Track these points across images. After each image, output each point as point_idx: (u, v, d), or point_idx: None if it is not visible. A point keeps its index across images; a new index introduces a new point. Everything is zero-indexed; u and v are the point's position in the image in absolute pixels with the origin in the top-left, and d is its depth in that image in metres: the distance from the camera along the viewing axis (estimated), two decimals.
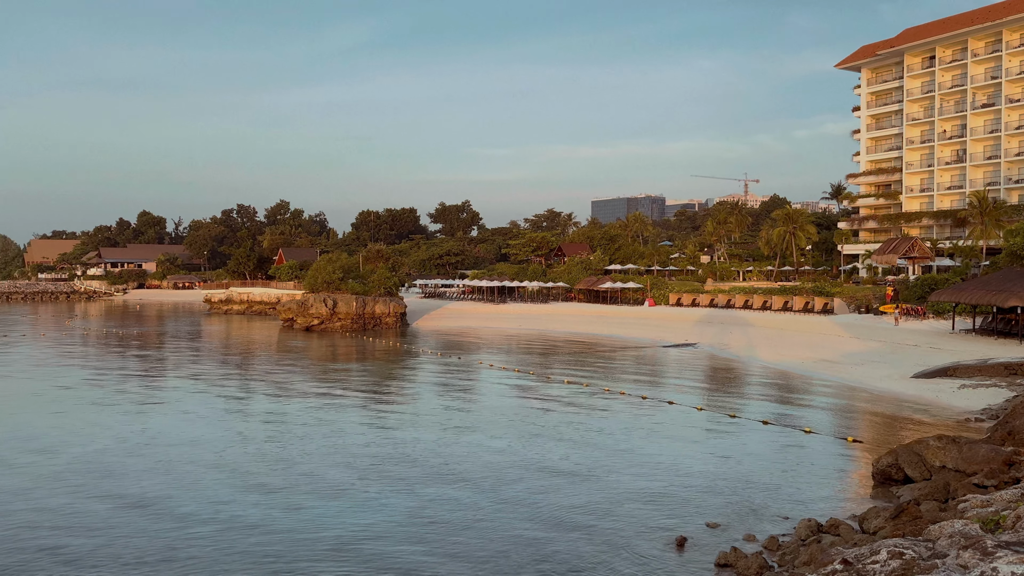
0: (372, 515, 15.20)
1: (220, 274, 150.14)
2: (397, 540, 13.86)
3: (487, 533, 14.22)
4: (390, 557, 13.07)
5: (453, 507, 15.71)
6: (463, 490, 16.90)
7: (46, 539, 13.73)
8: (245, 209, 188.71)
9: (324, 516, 15.15)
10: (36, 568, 12.45)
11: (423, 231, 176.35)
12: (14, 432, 22.86)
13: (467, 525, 14.65)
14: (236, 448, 20.80)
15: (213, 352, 47.31)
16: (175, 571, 12.40)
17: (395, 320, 65.76)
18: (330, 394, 30.21)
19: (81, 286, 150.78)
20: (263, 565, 12.67)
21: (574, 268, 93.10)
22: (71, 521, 14.75)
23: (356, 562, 12.85)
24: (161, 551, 13.23)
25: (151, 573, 12.29)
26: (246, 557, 13.01)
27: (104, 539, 13.78)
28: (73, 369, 38.49)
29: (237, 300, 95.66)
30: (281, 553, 13.20)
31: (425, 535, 14.13)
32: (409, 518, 15.06)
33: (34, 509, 15.45)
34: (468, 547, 13.53)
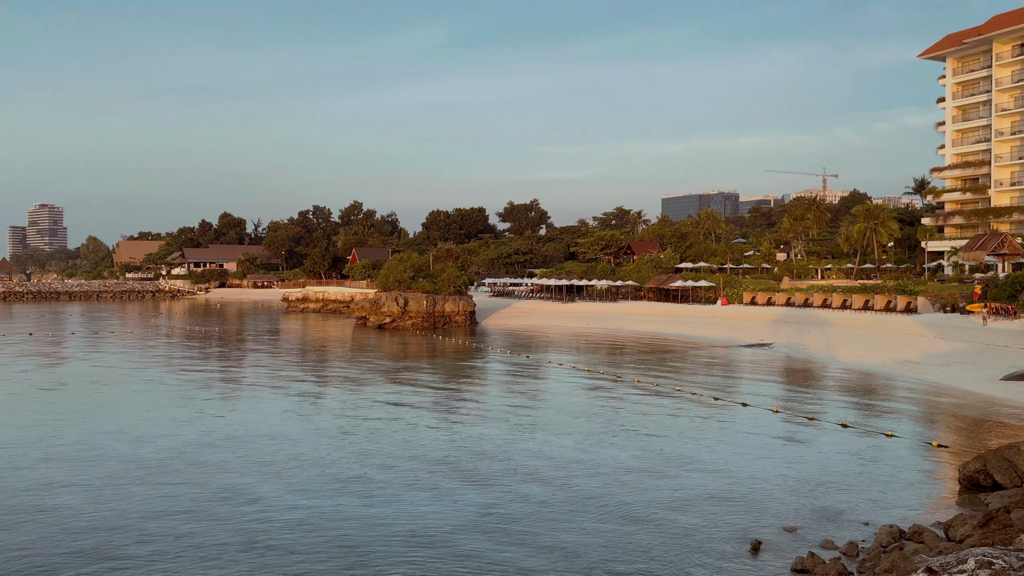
0: (444, 509, 15.41)
1: (297, 273, 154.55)
2: (468, 534, 14.01)
3: (557, 531, 14.24)
4: (462, 551, 13.22)
5: (523, 503, 15.78)
6: (532, 487, 16.95)
7: (135, 525, 14.42)
8: (320, 210, 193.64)
9: (397, 509, 15.43)
10: (126, 552, 13.08)
11: (492, 230, 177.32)
12: (106, 424, 24.06)
13: (537, 522, 14.69)
14: (313, 442, 21.39)
15: (290, 350, 48.72)
16: (255, 558, 12.84)
17: (464, 318, 66.37)
18: (402, 391, 30.74)
19: (166, 285, 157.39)
20: (338, 556, 13.00)
21: (644, 266, 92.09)
22: (158, 509, 15.44)
23: (429, 555, 13.05)
24: (243, 539, 13.72)
25: (232, 561, 12.76)
26: (323, 547, 13.37)
27: (188, 527, 14.38)
28: (158, 365, 40.24)
29: (313, 299, 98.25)
30: (356, 544, 13.51)
31: (496, 530, 14.24)
32: (480, 513, 15.20)
33: (124, 497, 16.23)
34: (538, 544, 13.58)
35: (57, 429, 23.19)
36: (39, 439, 21.77)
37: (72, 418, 25.01)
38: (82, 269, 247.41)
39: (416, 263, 72.07)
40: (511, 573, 12.39)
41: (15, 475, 17.94)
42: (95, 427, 23.52)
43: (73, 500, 16.01)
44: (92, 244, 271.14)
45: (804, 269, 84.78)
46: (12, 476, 17.85)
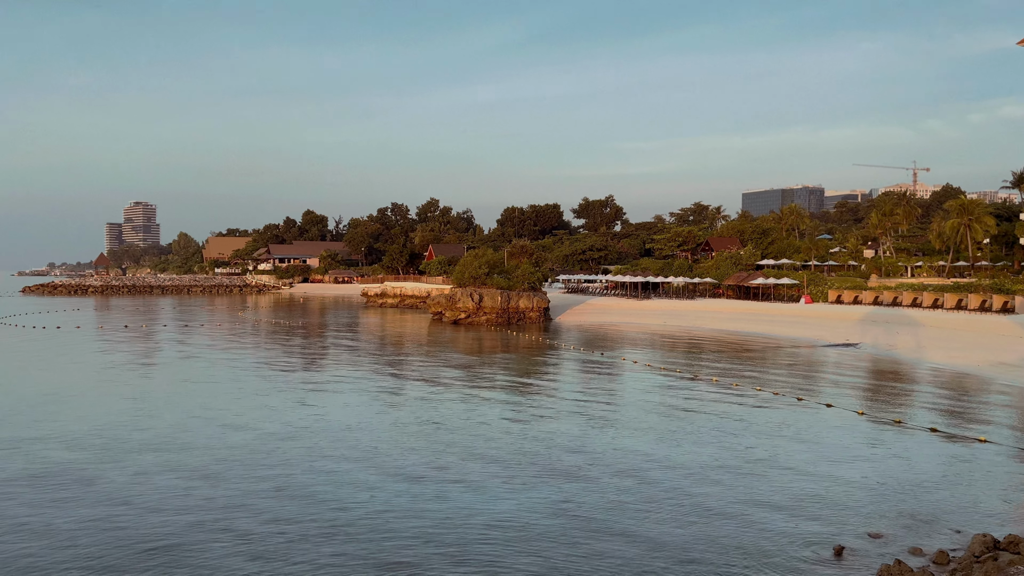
0: (517, 505, 15.49)
1: (376, 269, 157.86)
2: (541, 531, 14.04)
3: (631, 531, 14.12)
4: (537, 544, 13.26)
5: (596, 502, 15.71)
6: (606, 486, 16.86)
7: (219, 516, 15.03)
8: (399, 207, 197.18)
9: (471, 503, 15.60)
10: (212, 541, 13.65)
11: (566, 226, 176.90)
12: (195, 414, 25.15)
13: (611, 521, 14.61)
14: (391, 434, 21.83)
15: (369, 344, 49.83)
16: (337, 546, 13.21)
17: (538, 315, 66.46)
18: (477, 386, 31.02)
19: (252, 280, 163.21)
20: (416, 546, 13.24)
21: (723, 263, 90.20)
22: (245, 494, 16.05)
23: (505, 548, 13.14)
24: (324, 526, 14.14)
25: (314, 546, 13.16)
26: (401, 536, 13.64)
27: (273, 512, 14.90)
28: (245, 357, 41.80)
29: (391, 294, 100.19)
30: (433, 535, 13.73)
31: (569, 528, 14.22)
32: (553, 510, 15.21)
33: (212, 486, 16.94)
34: (612, 544, 13.50)
35: (150, 418, 24.38)
36: (134, 427, 22.94)
37: (164, 407, 26.25)
38: (174, 264, 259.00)
39: (491, 259, 72.54)
40: (587, 568, 12.36)
41: (113, 460, 18.95)
42: (185, 416, 24.62)
43: (166, 484, 16.80)
44: (183, 240, 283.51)
45: (893, 267, 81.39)
46: (110, 461, 18.86)
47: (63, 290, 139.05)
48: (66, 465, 18.39)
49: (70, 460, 18.85)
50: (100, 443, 20.64)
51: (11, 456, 19.18)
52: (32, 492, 16.22)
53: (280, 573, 12.11)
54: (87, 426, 22.81)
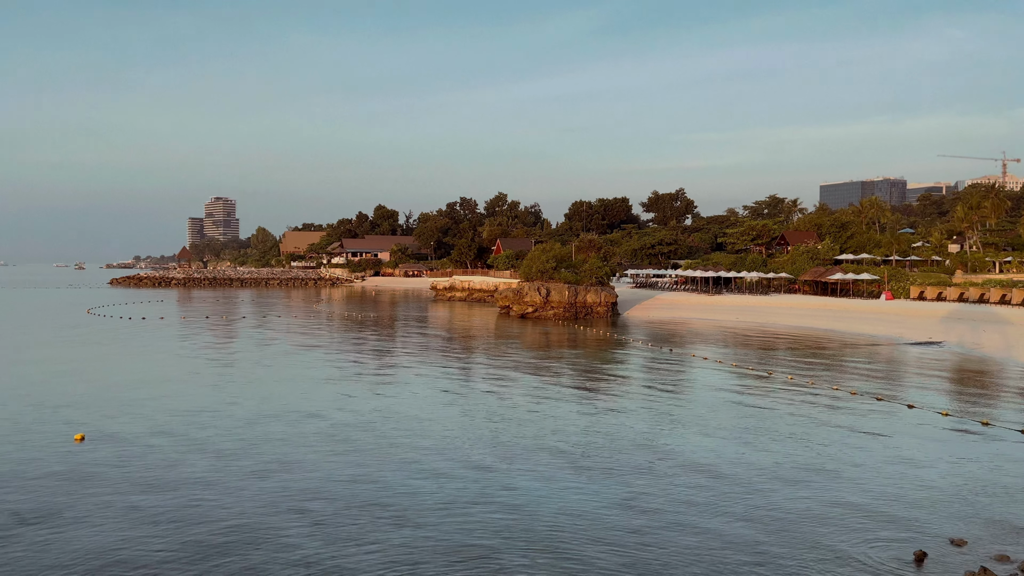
0: (585, 501, 15.44)
1: (444, 263, 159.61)
2: (611, 524, 13.96)
3: (702, 531, 13.90)
4: (605, 539, 13.20)
5: (665, 500, 15.53)
6: (676, 481, 16.64)
7: (296, 501, 15.47)
8: (467, 202, 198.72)
9: (539, 497, 15.63)
10: (288, 525, 14.07)
11: (635, 220, 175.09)
12: (271, 403, 25.95)
13: (681, 520, 14.41)
14: (460, 426, 22.07)
15: (438, 337, 50.44)
16: (407, 534, 13.44)
17: (606, 309, 66.02)
18: (543, 380, 31.04)
19: (326, 273, 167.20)
20: (484, 538, 13.34)
21: (799, 258, 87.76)
22: (317, 482, 16.49)
23: (573, 541, 13.12)
24: (394, 514, 14.40)
25: (384, 534, 13.42)
26: (468, 527, 13.78)
27: (345, 500, 15.26)
28: (319, 348, 42.88)
29: (459, 288, 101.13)
30: (501, 527, 13.82)
31: (639, 522, 14.10)
32: (622, 504, 15.11)
33: (288, 472, 17.46)
34: (682, 543, 13.32)
35: (230, 406, 25.28)
36: (215, 414, 23.82)
37: (242, 396, 27.17)
38: (252, 257, 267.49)
39: (558, 254, 72.39)
40: (658, 562, 12.24)
41: (195, 446, 19.73)
42: (263, 404, 25.42)
43: (245, 469, 17.39)
44: (261, 234, 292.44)
45: (980, 262, 77.65)
46: (193, 447, 19.64)
47: (148, 282, 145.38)
48: (151, 449, 19.24)
49: (155, 445, 19.72)
50: (183, 429, 21.52)
51: (101, 440, 20.18)
52: (119, 473, 17.03)
53: (353, 558, 12.40)
54: (171, 413, 23.82)
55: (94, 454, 18.66)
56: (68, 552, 12.55)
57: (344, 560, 12.35)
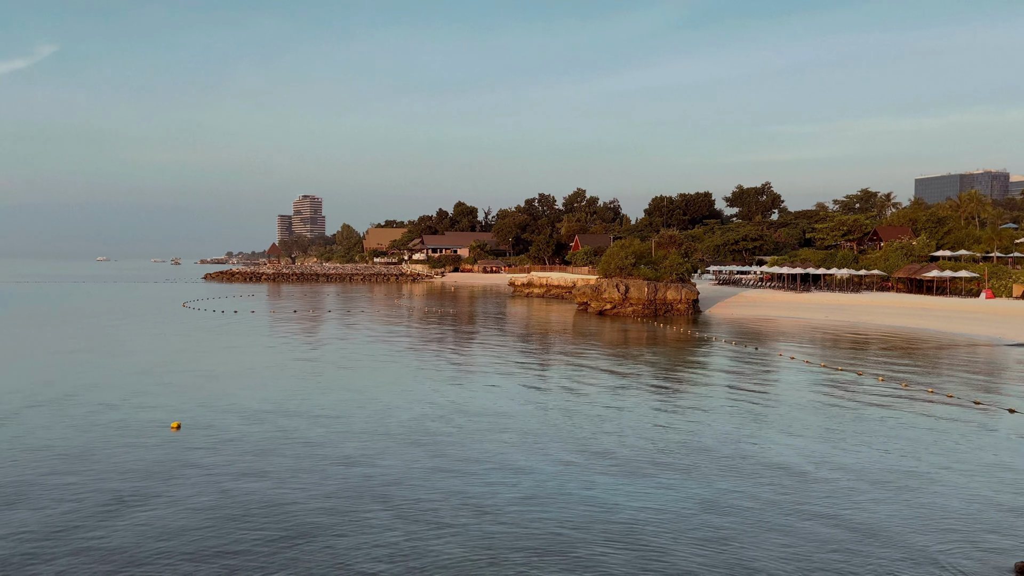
0: (665, 500, 15.23)
1: (522, 259, 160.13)
2: (692, 525, 13.72)
3: (786, 535, 13.50)
4: (686, 541, 12.99)
5: (749, 502, 15.14)
6: (759, 486, 16.21)
7: (379, 490, 15.82)
8: (545, 198, 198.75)
9: (618, 493, 15.50)
10: (371, 514, 14.39)
11: (718, 216, 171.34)
12: (355, 394, 26.61)
13: (764, 524, 14.03)
14: (537, 422, 22.11)
15: (516, 332, 50.67)
16: (485, 527, 13.55)
17: (687, 307, 64.89)
18: (622, 378, 30.76)
19: (407, 269, 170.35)
20: (561, 534, 13.33)
21: (892, 254, 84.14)
22: (399, 474, 16.80)
23: (650, 543, 12.97)
24: (473, 508, 14.54)
25: (464, 528, 13.57)
26: (546, 523, 13.79)
27: (427, 493, 15.50)
28: (400, 343, 43.71)
29: (537, 284, 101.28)
30: (578, 525, 13.78)
31: (721, 524, 13.81)
32: (703, 505, 14.83)
33: (370, 462, 17.87)
34: (767, 543, 12.97)
35: (317, 396, 26.06)
36: (302, 405, 24.61)
37: (328, 387, 27.96)
38: (337, 254, 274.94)
39: (638, 250, 71.56)
40: (738, 568, 11.95)
41: (284, 435, 20.43)
42: (347, 396, 26.10)
43: (330, 459, 17.90)
44: (346, 231, 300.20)
45: None
46: (281, 436, 20.34)
47: (239, 277, 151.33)
48: (242, 438, 20.02)
49: (246, 434, 20.51)
50: (272, 418, 22.32)
51: (196, 429, 21.13)
52: (211, 459, 17.79)
53: (433, 547, 12.59)
54: (261, 403, 24.74)
55: (189, 442, 19.55)
56: (165, 534, 13.19)
57: (425, 549, 12.56)
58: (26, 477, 16.27)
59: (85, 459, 17.71)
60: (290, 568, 11.81)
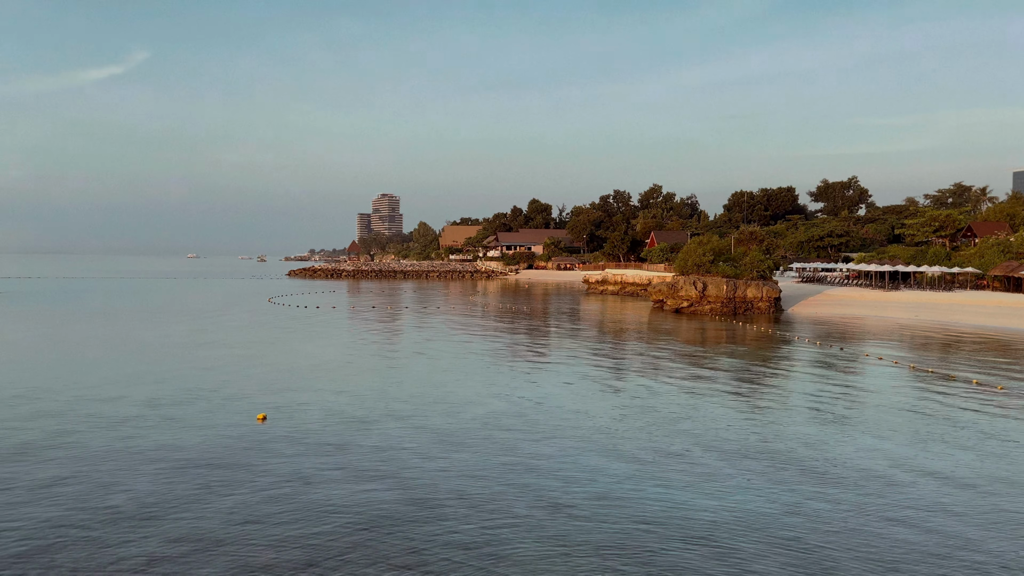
0: (744, 502, 14.87)
1: (597, 256, 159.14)
2: (771, 532, 13.36)
3: (872, 542, 12.98)
4: (768, 544, 12.65)
5: (833, 507, 14.64)
6: (844, 490, 15.64)
7: (454, 483, 15.98)
8: (620, 194, 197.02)
9: (696, 494, 15.22)
10: (448, 506, 14.56)
11: (801, 211, 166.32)
12: (431, 389, 26.98)
13: (849, 529, 13.53)
14: (612, 420, 21.94)
15: (590, 329, 50.40)
16: (559, 526, 13.53)
17: (768, 305, 63.21)
18: (699, 376, 30.21)
19: (482, 266, 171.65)
20: (637, 535, 13.18)
21: (987, 251, 79.89)
22: (473, 470, 16.95)
23: (733, 543, 12.68)
24: (547, 505, 14.54)
25: (536, 526, 13.58)
26: (621, 522, 13.67)
27: (500, 488, 15.58)
28: (475, 338, 44.09)
29: (611, 281, 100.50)
30: (655, 525, 13.60)
31: (802, 532, 13.39)
32: (784, 511, 14.41)
33: (446, 456, 18.09)
34: (851, 553, 12.50)
35: (394, 390, 26.55)
36: (379, 400, 25.11)
37: (405, 382, 28.44)
38: (414, 251, 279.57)
39: (716, 246, 70.10)
40: (823, 573, 11.58)
41: (363, 428, 20.89)
42: (423, 391, 26.49)
43: (407, 453, 18.21)
44: (422, 229, 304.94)
45: None
46: (360, 429, 20.81)
47: (321, 274, 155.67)
48: (324, 429, 20.58)
49: (327, 425, 21.07)
50: (352, 411, 22.86)
51: (280, 420, 21.83)
52: (293, 449, 18.34)
53: (508, 543, 12.64)
54: (341, 396, 25.38)
55: (273, 432, 20.22)
56: (250, 520, 13.67)
57: (498, 543, 12.62)
58: (121, 464, 17.14)
59: (176, 448, 18.53)
60: (368, 556, 12.07)
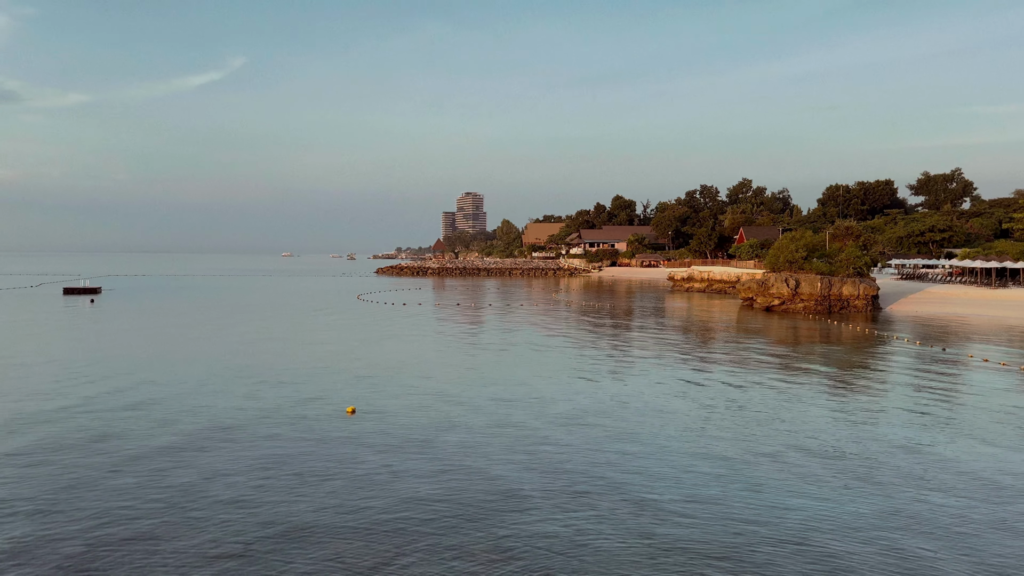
0: (839, 506, 14.31)
1: (682, 253, 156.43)
2: (869, 538, 12.81)
3: (978, 551, 12.27)
4: (866, 551, 12.14)
5: (936, 513, 13.91)
6: (947, 496, 14.85)
7: (539, 479, 15.99)
8: (708, 189, 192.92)
9: (787, 497, 14.75)
10: (533, 501, 14.59)
11: (900, 205, 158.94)
12: (515, 385, 27.10)
13: (953, 537, 12.83)
14: (699, 420, 21.51)
15: (676, 327, 49.57)
16: (645, 525, 13.35)
17: (865, 303, 60.68)
18: (790, 377, 29.27)
19: (565, 264, 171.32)
20: (725, 537, 12.88)
21: None
22: (559, 467, 16.90)
23: (827, 547, 12.23)
24: (633, 504, 14.37)
25: (621, 525, 13.44)
26: (710, 523, 13.38)
27: (583, 486, 15.50)
28: (558, 335, 44.03)
29: (698, 278, 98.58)
30: (745, 528, 13.25)
31: (903, 538, 12.78)
32: (882, 517, 13.79)
33: (531, 452, 18.12)
34: (956, 562, 11.85)
35: (478, 387, 26.81)
36: (464, 396, 25.40)
37: (488, 378, 28.67)
38: (497, 248, 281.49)
39: (810, 242, 67.76)
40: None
41: (448, 423, 21.18)
42: (507, 387, 26.65)
43: (492, 449, 18.35)
44: (505, 227, 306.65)
45: None
46: (446, 425, 21.10)
47: (407, 271, 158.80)
48: (411, 423, 20.98)
49: (414, 420, 21.47)
50: (438, 405, 23.21)
51: (369, 413, 22.38)
52: (382, 442, 18.75)
53: (593, 542, 12.56)
54: (427, 391, 25.80)
55: (362, 426, 20.74)
56: (341, 510, 14.06)
57: (584, 541, 12.56)
58: (220, 455, 17.93)
59: (272, 439, 19.24)
60: (454, 549, 12.22)
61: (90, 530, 12.95)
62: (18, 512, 13.77)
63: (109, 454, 17.64)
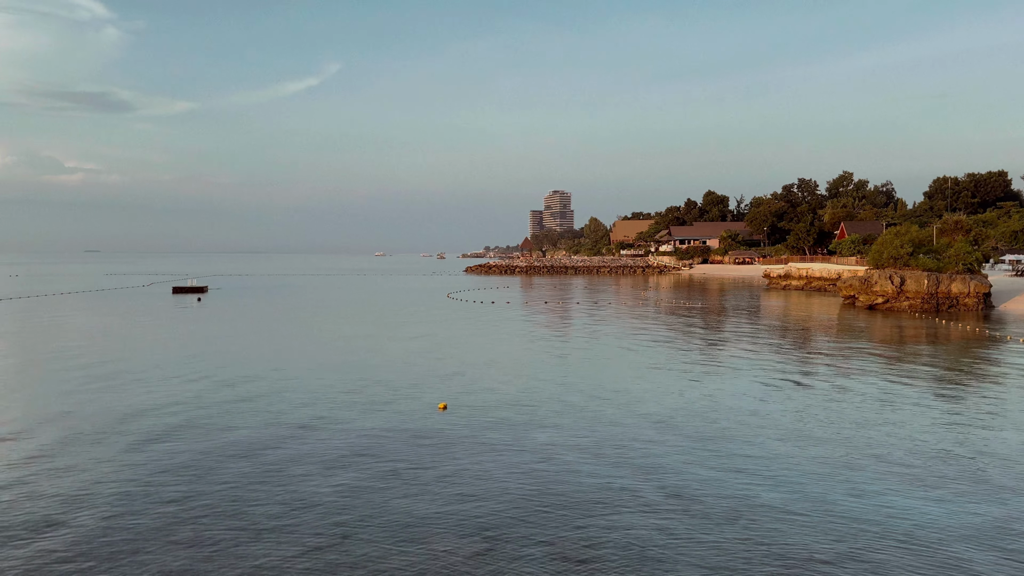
0: (952, 517, 13.56)
1: (779, 249, 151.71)
2: (981, 547, 12.09)
3: None
4: (976, 565, 11.47)
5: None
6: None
7: (627, 481, 15.81)
8: (806, 183, 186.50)
9: (892, 506, 14.08)
10: (621, 505, 14.44)
11: (1015, 197, 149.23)
12: (604, 386, 26.92)
13: None
14: (796, 422, 20.81)
15: (772, 327, 48.10)
16: (736, 535, 13.02)
17: (976, 301, 57.31)
18: (895, 379, 27.93)
19: (654, 261, 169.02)
20: (824, 542, 12.41)
21: None
22: (647, 470, 16.69)
23: (936, 559, 11.62)
24: (727, 506, 14.03)
25: (715, 530, 13.14)
26: (810, 526, 12.93)
27: (671, 490, 15.24)
28: (647, 334, 43.46)
29: (795, 275, 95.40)
30: (844, 536, 12.74)
31: (1014, 550, 11.99)
32: (996, 527, 12.99)
33: (619, 453, 17.95)
34: None
35: (566, 386, 26.76)
36: (551, 396, 25.42)
37: (576, 378, 28.60)
38: (585, 246, 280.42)
39: (916, 237, 64.50)
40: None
41: (537, 422, 21.23)
42: (595, 387, 26.51)
43: (575, 449, 18.28)
44: (593, 224, 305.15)
45: None
46: (534, 422, 21.16)
47: (496, 270, 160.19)
48: (500, 420, 21.15)
49: (503, 416, 21.64)
50: (526, 402, 23.32)
51: (460, 408, 22.70)
52: (473, 437, 18.98)
53: (680, 550, 12.33)
54: (514, 388, 25.96)
55: (453, 421, 21.06)
56: (433, 504, 14.31)
57: (674, 545, 12.35)
58: (318, 450, 18.57)
59: (369, 435, 19.78)
60: (544, 548, 12.23)
61: (197, 519, 13.65)
62: (165, 495, 14.67)
63: (225, 444, 18.56)
